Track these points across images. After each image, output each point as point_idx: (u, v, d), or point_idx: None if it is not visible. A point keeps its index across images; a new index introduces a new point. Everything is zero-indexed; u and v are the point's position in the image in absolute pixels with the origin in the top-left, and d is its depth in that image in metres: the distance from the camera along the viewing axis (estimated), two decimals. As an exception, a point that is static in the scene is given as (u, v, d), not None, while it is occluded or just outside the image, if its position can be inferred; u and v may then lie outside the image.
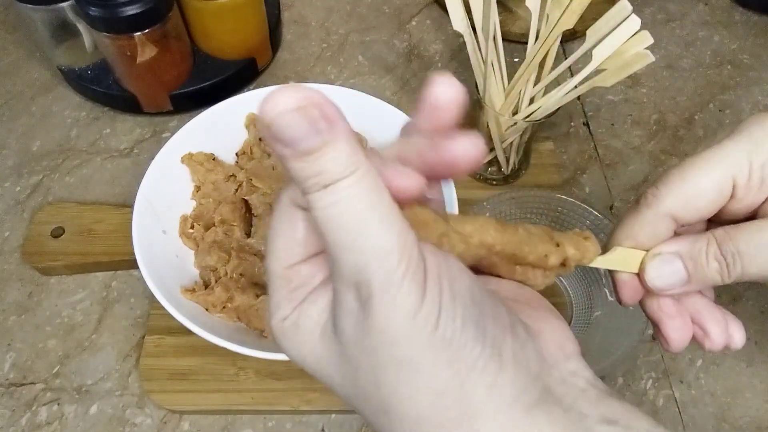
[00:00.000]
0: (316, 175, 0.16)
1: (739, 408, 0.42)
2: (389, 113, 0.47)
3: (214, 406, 0.41)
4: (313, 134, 0.16)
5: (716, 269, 0.23)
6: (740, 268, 0.23)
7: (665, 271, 0.24)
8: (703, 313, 0.25)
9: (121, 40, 0.49)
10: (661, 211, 0.24)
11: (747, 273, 0.23)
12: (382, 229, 0.16)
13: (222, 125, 0.48)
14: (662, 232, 0.24)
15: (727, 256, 0.23)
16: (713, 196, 0.23)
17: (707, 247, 0.23)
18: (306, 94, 0.16)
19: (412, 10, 0.69)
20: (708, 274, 0.23)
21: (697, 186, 0.23)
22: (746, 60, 0.64)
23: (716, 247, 0.23)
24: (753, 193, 0.23)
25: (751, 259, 0.23)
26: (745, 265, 0.23)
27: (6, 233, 0.50)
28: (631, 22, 0.37)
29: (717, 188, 0.23)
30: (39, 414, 0.41)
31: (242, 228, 0.44)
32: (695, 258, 0.24)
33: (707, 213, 0.24)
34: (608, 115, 0.59)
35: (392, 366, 0.17)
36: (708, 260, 0.23)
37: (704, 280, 0.24)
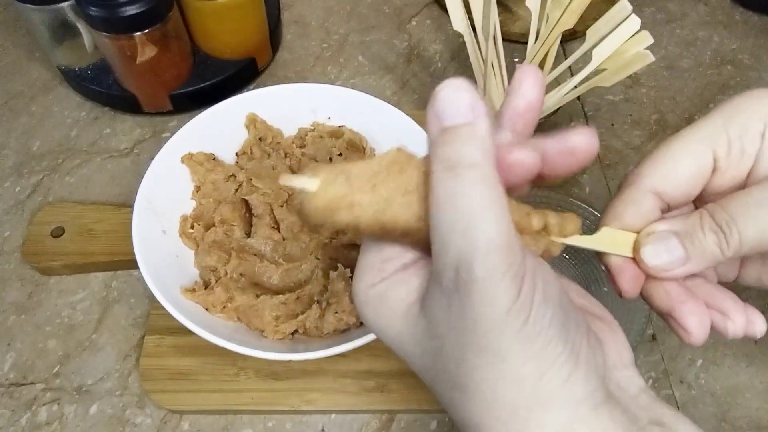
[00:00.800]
0: (449, 156, 0.18)
1: (739, 408, 0.42)
2: (389, 113, 0.47)
3: (214, 406, 0.41)
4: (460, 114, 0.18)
5: (714, 241, 0.22)
6: (737, 235, 0.21)
7: (661, 249, 0.23)
8: (717, 295, 0.24)
9: (121, 40, 0.49)
10: (643, 187, 0.24)
11: (745, 240, 0.21)
12: (496, 224, 0.18)
13: (222, 125, 0.48)
14: (647, 210, 0.24)
15: (723, 225, 0.22)
16: (694, 169, 0.23)
17: (701, 220, 0.22)
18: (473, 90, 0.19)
19: (412, 10, 0.69)
20: (706, 248, 0.22)
21: (677, 160, 0.23)
22: (746, 60, 0.64)
23: (710, 218, 0.22)
24: (735, 165, 0.23)
25: (746, 222, 0.21)
26: (742, 230, 0.21)
27: (6, 233, 0.50)
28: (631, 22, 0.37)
29: (697, 161, 0.23)
30: (39, 414, 0.41)
31: (242, 228, 0.44)
32: (690, 232, 0.22)
33: (691, 188, 0.24)
34: (608, 115, 0.59)
35: (479, 351, 0.19)
36: (704, 232, 0.22)
37: (703, 255, 0.22)
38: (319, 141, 0.48)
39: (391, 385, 0.42)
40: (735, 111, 0.23)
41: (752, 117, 0.22)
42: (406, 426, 0.41)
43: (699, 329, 0.23)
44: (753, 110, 0.22)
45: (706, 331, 0.23)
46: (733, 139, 0.22)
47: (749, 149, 0.22)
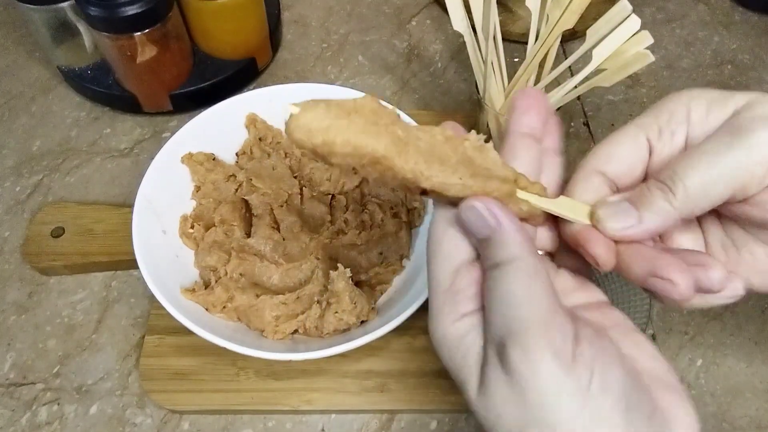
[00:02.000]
0: (489, 257, 0.22)
1: (739, 408, 0.42)
2: (389, 113, 0.47)
3: (214, 406, 0.41)
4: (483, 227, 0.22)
5: (660, 196, 0.23)
6: (682, 186, 0.23)
7: (614, 211, 0.24)
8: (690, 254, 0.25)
9: (121, 40, 0.49)
10: (590, 168, 0.26)
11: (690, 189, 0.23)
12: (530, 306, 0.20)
13: (222, 125, 0.48)
14: (596, 186, 0.26)
15: (666, 180, 0.23)
16: (630, 150, 0.25)
17: (647, 182, 0.24)
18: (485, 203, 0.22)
19: (412, 10, 0.69)
20: (654, 203, 0.23)
21: (616, 143, 0.26)
22: (746, 60, 0.64)
23: (654, 179, 0.24)
24: (668, 145, 0.25)
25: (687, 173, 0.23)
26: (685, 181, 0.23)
27: (6, 233, 0.50)
28: (631, 22, 0.37)
29: (631, 141, 0.26)
30: (39, 414, 0.41)
31: (242, 228, 0.44)
32: (638, 194, 0.24)
33: (632, 167, 0.26)
34: (608, 115, 0.59)
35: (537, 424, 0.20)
36: (651, 190, 0.24)
37: (654, 211, 0.24)
38: (319, 141, 0.48)
39: (391, 385, 0.42)
40: (663, 102, 0.26)
41: (676, 104, 0.25)
42: (406, 426, 0.41)
43: (683, 278, 0.23)
44: (677, 99, 0.26)
45: (691, 281, 0.23)
46: (662, 124, 0.25)
47: (678, 130, 0.25)
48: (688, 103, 0.25)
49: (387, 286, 0.43)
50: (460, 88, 0.62)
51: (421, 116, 0.54)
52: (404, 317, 0.37)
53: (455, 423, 0.41)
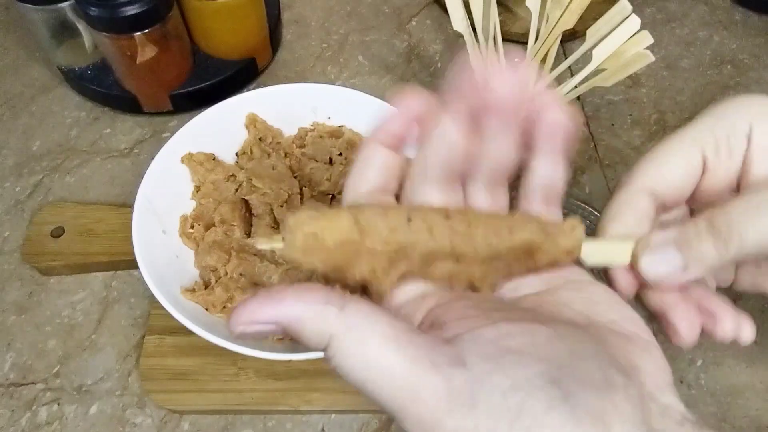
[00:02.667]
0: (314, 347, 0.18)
1: (739, 408, 0.42)
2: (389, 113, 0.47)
3: (214, 406, 0.41)
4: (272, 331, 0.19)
5: (711, 244, 0.22)
6: (737, 237, 0.21)
7: (659, 259, 0.23)
8: (710, 299, 0.24)
9: (121, 40, 0.49)
10: (637, 187, 0.24)
11: (746, 243, 0.21)
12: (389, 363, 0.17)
13: (222, 125, 0.48)
14: (642, 208, 0.24)
15: (722, 228, 0.21)
16: (684, 169, 0.24)
17: (697, 225, 0.22)
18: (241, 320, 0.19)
19: (412, 10, 0.69)
20: (704, 252, 0.22)
21: (668, 160, 0.24)
22: (746, 60, 0.64)
23: (707, 222, 0.22)
24: (724, 165, 0.23)
25: (746, 226, 0.21)
26: (743, 234, 0.21)
27: (6, 233, 0.50)
28: (631, 22, 0.37)
29: (687, 161, 0.24)
30: (39, 414, 0.41)
31: (242, 228, 0.44)
32: (688, 239, 0.22)
33: (683, 187, 0.24)
34: (608, 115, 0.59)
35: None
36: (701, 237, 0.22)
37: (701, 262, 0.22)
38: (319, 141, 0.48)
39: (391, 385, 0.42)
40: (722, 113, 0.24)
41: (738, 119, 0.23)
42: (406, 426, 0.41)
43: (689, 332, 0.23)
44: (739, 113, 0.23)
45: (696, 333, 0.23)
46: (720, 140, 0.23)
47: (736, 150, 0.23)
48: (751, 119, 0.23)
49: (387, 286, 0.43)
50: (460, 88, 0.61)
51: (421, 116, 0.54)
52: (404, 317, 0.37)
53: (455, 423, 0.41)
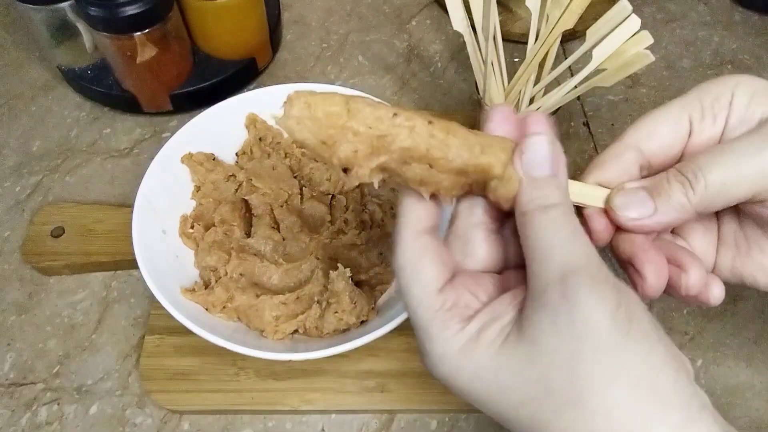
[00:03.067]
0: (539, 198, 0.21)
1: (739, 408, 0.42)
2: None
3: (214, 406, 0.41)
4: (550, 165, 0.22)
5: (679, 189, 0.23)
6: (703, 182, 0.23)
7: (630, 200, 0.24)
8: (680, 252, 0.25)
9: (121, 40, 0.49)
10: (626, 143, 0.26)
11: (710, 184, 0.23)
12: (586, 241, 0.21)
13: (222, 125, 0.48)
14: (627, 161, 0.25)
15: (688, 173, 0.23)
16: (672, 129, 0.25)
17: (667, 173, 0.24)
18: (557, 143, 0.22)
19: (412, 10, 0.69)
20: (672, 196, 0.23)
21: (657, 121, 0.26)
22: (746, 60, 0.64)
23: (675, 171, 0.24)
24: (708, 129, 0.25)
25: (711, 168, 0.23)
26: (707, 176, 0.23)
27: (6, 233, 0.50)
28: (631, 22, 0.37)
29: (673, 122, 0.25)
30: (39, 414, 0.41)
31: (242, 228, 0.44)
32: (657, 184, 0.24)
33: (670, 146, 0.25)
34: (608, 115, 0.59)
35: (592, 355, 0.19)
36: (670, 182, 0.24)
37: (670, 204, 0.24)
38: (319, 141, 0.48)
39: (391, 385, 0.42)
40: (709, 84, 0.26)
41: (722, 89, 0.25)
42: (406, 426, 0.41)
43: (654, 277, 0.24)
44: (723, 84, 0.25)
45: (661, 280, 0.24)
46: (705, 106, 0.25)
47: (720, 115, 0.25)
48: (733, 89, 0.25)
49: (387, 286, 0.43)
50: (460, 88, 0.62)
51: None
52: (404, 317, 0.37)
53: (455, 423, 0.41)
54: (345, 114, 0.21)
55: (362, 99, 0.22)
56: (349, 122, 0.21)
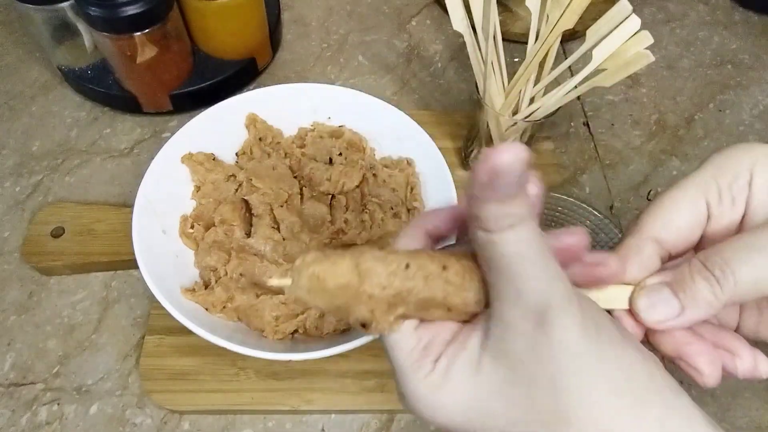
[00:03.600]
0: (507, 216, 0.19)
1: (739, 408, 0.42)
2: (389, 113, 0.47)
3: (214, 406, 0.41)
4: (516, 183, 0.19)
5: (706, 287, 0.22)
6: (731, 279, 0.22)
7: (654, 301, 0.23)
8: (723, 335, 0.24)
9: (121, 40, 0.49)
10: (643, 236, 0.25)
11: (740, 283, 0.22)
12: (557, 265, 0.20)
13: (222, 125, 0.48)
14: (648, 256, 0.24)
15: (715, 269, 0.22)
16: (689, 216, 0.24)
17: (691, 266, 0.23)
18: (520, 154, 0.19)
19: (412, 10, 0.69)
20: (699, 295, 0.22)
21: (673, 208, 0.25)
22: (746, 60, 0.64)
23: (700, 264, 0.23)
24: (727, 213, 0.24)
25: (740, 265, 0.22)
26: (736, 273, 0.22)
27: (6, 233, 0.50)
28: (631, 22, 0.37)
29: (692, 208, 0.24)
30: (39, 414, 0.41)
31: (242, 228, 0.44)
32: (681, 280, 0.23)
33: (688, 234, 0.25)
34: (608, 115, 0.59)
35: (570, 367, 0.20)
36: (694, 278, 0.22)
37: (697, 303, 0.22)
38: (319, 141, 0.48)
39: (391, 385, 0.42)
40: (724, 162, 0.24)
41: (740, 167, 0.24)
42: (406, 426, 0.41)
43: (710, 368, 0.23)
44: (740, 161, 0.24)
45: (719, 370, 0.23)
46: (723, 188, 0.24)
47: (739, 197, 0.24)
48: (752, 167, 0.24)
49: (387, 286, 0.43)
50: (460, 88, 0.62)
51: (421, 116, 0.54)
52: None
53: (455, 423, 0.41)
54: (356, 280, 0.21)
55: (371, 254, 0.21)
56: (362, 287, 0.21)
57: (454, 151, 0.55)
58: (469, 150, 0.53)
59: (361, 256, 0.21)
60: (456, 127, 0.56)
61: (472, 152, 0.53)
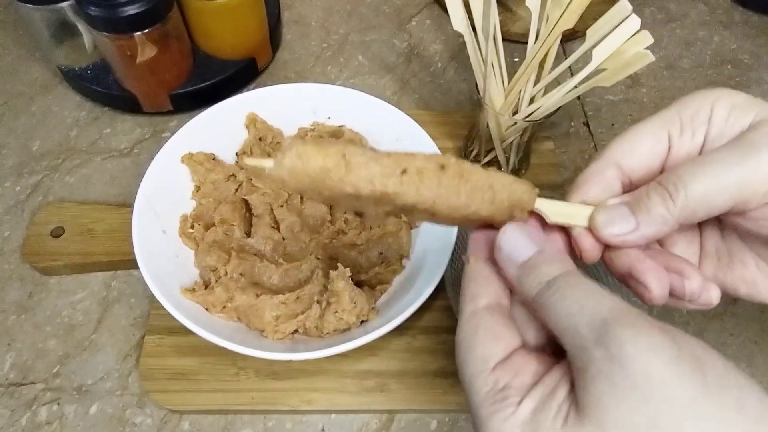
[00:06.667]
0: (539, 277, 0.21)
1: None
2: (389, 113, 0.47)
3: (214, 406, 0.41)
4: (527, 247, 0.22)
5: (659, 202, 0.23)
6: (683, 192, 0.23)
7: (612, 216, 0.24)
8: (674, 259, 0.25)
9: (121, 40, 0.49)
10: (607, 160, 0.26)
11: (691, 196, 0.23)
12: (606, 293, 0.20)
13: (222, 125, 0.48)
14: (609, 179, 0.26)
15: (669, 185, 0.23)
16: (651, 145, 0.25)
17: (648, 186, 0.24)
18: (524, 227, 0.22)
19: (412, 10, 0.69)
20: (652, 209, 0.23)
21: (637, 137, 0.26)
22: (746, 60, 0.64)
23: (655, 183, 0.24)
24: (687, 144, 0.25)
25: (691, 180, 0.23)
26: (687, 187, 0.23)
27: (6, 233, 0.50)
28: (631, 22, 0.37)
29: (653, 137, 0.25)
30: (39, 414, 0.41)
31: (242, 228, 0.44)
32: (637, 198, 0.24)
33: (649, 162, 0.25)
34: (608, 115, 0.59)
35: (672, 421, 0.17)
36: (649, 195, 0.24)
37: (651, 218, 0.24)
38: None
39: (391, 385, 0.42)
40: (688, 99, 0.26)
41: (701, 104, 0.25)
42: (406, 426, 0.41)
43: (658, 285, 0.24)
44: (702, 98, 0.25)
45: (666, 288, 0.24)
46: (684, 121, 0.25)
47: (699, 130, 0.25)
48: (713, 104, 0.25)
49: (387, 286, 0.43)
50: (460, 88, 0.62)
51: (421, 116, 0.54)
52: (404, 317, 0.37)
53: (455, 423, 0.41)
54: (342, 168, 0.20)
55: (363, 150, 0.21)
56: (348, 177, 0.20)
57: (454, 151, 0.55)
58: (469, 150, 0.53)
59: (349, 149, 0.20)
60: (456, 127, 0.56)
61: (472, 152, 0.53)
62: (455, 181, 0.21)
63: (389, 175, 0.20)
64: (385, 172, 0.20)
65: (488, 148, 0.51)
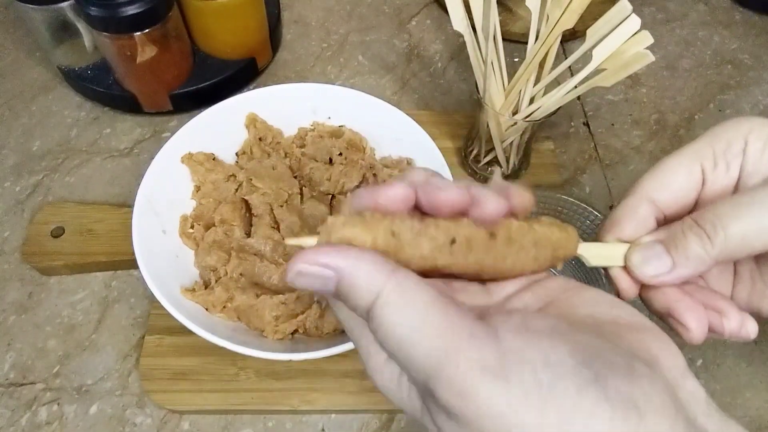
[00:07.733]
0: (357, 308, 0.18)
1: (739, 408, 0.42)
2: (389, 113, 0.47)
3: (214, 406, 0.41)
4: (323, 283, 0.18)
5: (696, 242, 0.23)
6: (722, 233, 0.22)
7: (647, 257, 0.24)
8: (713, 297, 0.25)
9: (121, 40, 0.49)
10: (640, 195, 0.25)
11: (730, 237, 0.22)
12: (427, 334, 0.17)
13: (222, 125, 0.48)
14: (643, 216, 0.25)
15: (706, 225, 0.23)
16: (685, 180, 0.25)
17: (683, 224, 0.24)
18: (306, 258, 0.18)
19: (412, 10, 0.69)
20: (689, 250, 0.23)
21: (670, 171, 0.25)
22: (746, 60, 0.64)
23: (691, 222, 0.24)
24: (722, 178, 0.25)
25: (730, 220, 0.22)
26: (726, 228, 0.22)
27: (6, 233, 0.50)
28: (631, 22, 0.37)
29: (687, 171, 0.25)
30: (39, 414, 0.41)
31: (242, 228, 0.44)
32: (673, 237, 0.24)
33: (683, 197, 0.25)
34: (608, 115, 0.59)
35: None
36: (686, 234, 0.23)
37: (688, 258, 0.23)
38: (319, 141, 0.48)
39: (391, 385, 0.42)
40: (719, 130, 0.25)
41: (735, 135, 0.25)
42: (406, 426, 0.41)
43: (697, 325, 0.23)
44: (735, 130, 0.25)
45: (705, 327, 0.24)
46: (718, 154, 0.25)
47: (733, 163, 0.25)
48: (747, 136, 0.24)
49: (387, 286, 0.43)
50: (460, 88, 0.62)
51: (421, 116, 0.54)
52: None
53: (455, 423, 0.41)
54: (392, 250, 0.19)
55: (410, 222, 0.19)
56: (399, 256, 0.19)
57: (454, 151, 0.55)
58: (469, 150, 0.53)
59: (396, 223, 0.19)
60: (456, 127, 0.56)
61: (472, 152, 0.53)
62: (504, 249, 0.21)
63: (440, 249, 0.20)
64: (435, 246, 0.20)
65: (488, 148, 0.51)
